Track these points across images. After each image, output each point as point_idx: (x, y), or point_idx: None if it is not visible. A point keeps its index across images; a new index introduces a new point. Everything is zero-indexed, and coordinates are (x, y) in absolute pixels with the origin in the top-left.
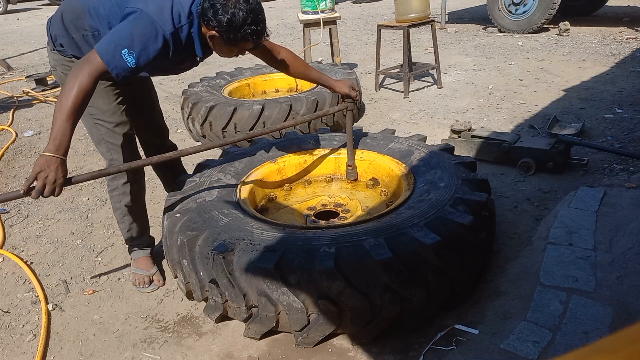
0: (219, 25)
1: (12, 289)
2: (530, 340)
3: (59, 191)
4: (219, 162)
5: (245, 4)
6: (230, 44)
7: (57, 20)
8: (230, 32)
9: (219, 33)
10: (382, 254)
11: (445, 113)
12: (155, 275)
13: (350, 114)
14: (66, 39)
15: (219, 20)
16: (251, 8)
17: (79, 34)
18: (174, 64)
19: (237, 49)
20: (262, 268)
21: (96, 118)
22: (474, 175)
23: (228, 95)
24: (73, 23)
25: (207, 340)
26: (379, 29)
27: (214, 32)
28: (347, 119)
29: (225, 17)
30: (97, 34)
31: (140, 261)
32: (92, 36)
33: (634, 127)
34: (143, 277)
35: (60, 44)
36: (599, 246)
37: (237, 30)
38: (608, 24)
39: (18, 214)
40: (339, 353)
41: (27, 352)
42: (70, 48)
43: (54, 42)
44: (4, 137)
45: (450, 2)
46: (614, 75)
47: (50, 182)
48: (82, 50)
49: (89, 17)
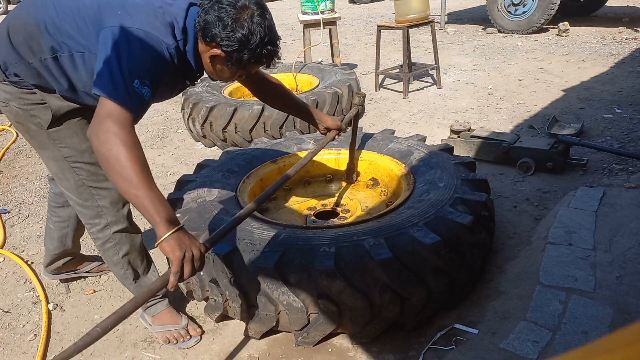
0: (228, 43)
1: (12, 288)
2: (530, 340)
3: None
4: (219, 162)
5: (261, 18)
6: (237, 66)
7: (4, 44)
8: (243, 52)
9: (226, 53)
10: (382, 254)
11: (445, 113)
12: (189, 325)
13: (356, 120)
14: (22, 66)
15: (231, 37)
16: (268, 25)
17: (35, 58)
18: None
19: (244, 72)
20: (262, 268)
21: (73, 161)
22: (473, 175)
23: (228, 96)
24: (26, 44)
25: (208, 339)
26: (379, 29)
27: (219, 51)
28: (353, 124)
29: (239, 34)
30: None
31: (164, 316)
32: (54, 60)
33: (633, 127)
34: (178, 332)
35: (14, 73)
36: (599, 246)
37: (252, 51)
38: (607, 24)
39: (19, 214)
40: (339, 353)
41: (28, 352)
42: (28, 77)
43: (4, 71)
44: (5, 137)
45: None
46: (613, 76)
47: (197, 258)
48: (45, 78)
49: (47, 35)
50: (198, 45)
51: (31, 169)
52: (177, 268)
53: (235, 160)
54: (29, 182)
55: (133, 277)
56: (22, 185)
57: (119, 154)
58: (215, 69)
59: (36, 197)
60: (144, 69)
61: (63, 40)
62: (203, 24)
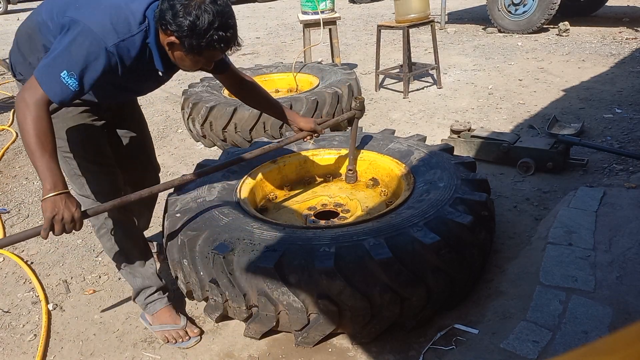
0: (179, 29)
1: (12, 288)
2: (530, 340)
3: (80, 225)
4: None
5: (212, 5)
6: (193, 53)
7: (14, 48)
8: (193, 38)
9: (179, 39)
10: (382, 254)
11: (445, 113)
12: (188, 327)
13: (356, 122)
14: (23, 65)
15: (179, 24)
16: (219, 10)
17: (34, 56)
18: (136, 83)
19: (202, 60)
20: (262, 268)
21: (65, 151)
22: (473, 175)
23: (228, 96)
24: (28, 45)
25: (208, 339)
26: (379, 29)
27: (173, 39)
28: (353, 126)
29: (187, 20)
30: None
31: (162, 315)
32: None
33: (633, 127)
34: (177, 332)
35: (19, 72)
36: (599, 246)
37: (201, 36)
38: (608, 24)
39: (18, 214)
40: (339, 353)
41: (28, 352)
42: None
43: (14, 70)
44: (4, 137)
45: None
46: (613, 76)
47: (68, 221)
48: None
49: (40, 34)
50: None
51: (31, 169)
52: (46, 225)
53: None
54: (28, 182)
55: (127, 264)
56: (22, 185)
57: (25, 123)
58: (176, 58)
59: (36, 197)
60: (74, 62)
61: (50, 39)
62: (159, 14)
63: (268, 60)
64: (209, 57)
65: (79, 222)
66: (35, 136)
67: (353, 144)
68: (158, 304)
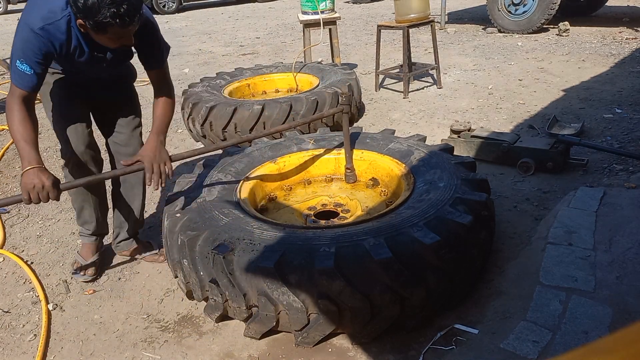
0: (77, 11)
1: (12, 288)
2: (530, 340)
3: (53, 194)
4: (219, 162)
5: None
6: (99, 31)
7: None
8: (90, 18)
9: (83, 20)
10: (382, 254)
11: (445, 113)
12: (89, 268)
13: (346, 117)
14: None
15: (77, 6)
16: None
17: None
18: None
19: (110, 37)
20: (262, 268)
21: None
22: (473, 175)
23: (228, 96)
24: None
25: (208, 339)
26: (379, 29)
27: (80, 21)
28: (344, 121)
29: (81, 1)
30: None
31: (83, 248)
32: None
33: (633, 127)
34: (80, 264)
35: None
36: (599, 246)
37: (95, 14)
38: (608, 24)
39: (18, 214)
40: (339, 353)
41: (28, 352)
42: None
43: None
44: (4, 137)
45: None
46: (613, 76)
47: (39, 189)
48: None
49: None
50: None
51: None
52: (24, 194)
53: (236, 160)
54: None
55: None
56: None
57: (8, 113)
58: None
59: None
60: (20, 51)
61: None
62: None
63: (268, 60)
64: (114, 33)
65: (52, 190)
66: (14, 124)
67: (347, 141)
68: (85, 239)
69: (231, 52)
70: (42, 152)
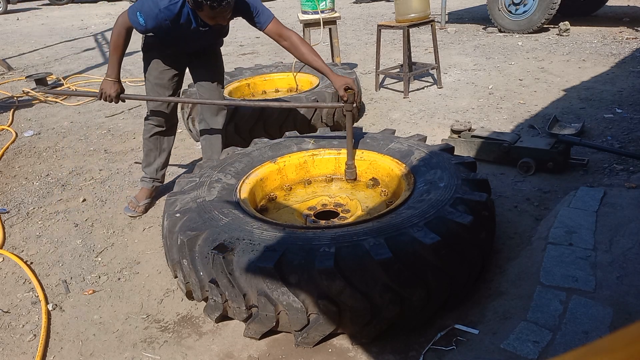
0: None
1: (12, 289)
2: (530, 340)
3: (115, 99)
4: (219, 161)
5: None
6: (197, 8)
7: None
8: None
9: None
10: (382, 254)
11: (445, 113)
12: (140, 207)
13: (349, 115)
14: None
15: None
16: None
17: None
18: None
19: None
20: (262, 268)
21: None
22: (473, 175)
23: (228, 95)
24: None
25: (207, 340)
26: (379, 29)
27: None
28: (347, 119)
29: None
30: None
31: (140, 192)
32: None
33: (634, 127)
34: (134, 204)
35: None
36: (599, 246)
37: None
38: (608, 24)
39: (18, 214)
40: (339, 353)
41: (27, 352)
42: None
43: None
44: (4, 137)
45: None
46: (614, 75)
47: (107, 94)
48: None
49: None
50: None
51: (30, 169)
52: (98, 94)
53: (235, 160)
54: (28, 182)
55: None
56: (22, 185)
57: (113, 34)
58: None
59: (36, 197)
60: (144, 10)
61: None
62: None
63: (268, 60)
64: (209, 13)
65: (115, 97)
66: (113, 42)
67: (350, 138)
68: (143, 184)
69: (231, 51)
70: (42, 152)
